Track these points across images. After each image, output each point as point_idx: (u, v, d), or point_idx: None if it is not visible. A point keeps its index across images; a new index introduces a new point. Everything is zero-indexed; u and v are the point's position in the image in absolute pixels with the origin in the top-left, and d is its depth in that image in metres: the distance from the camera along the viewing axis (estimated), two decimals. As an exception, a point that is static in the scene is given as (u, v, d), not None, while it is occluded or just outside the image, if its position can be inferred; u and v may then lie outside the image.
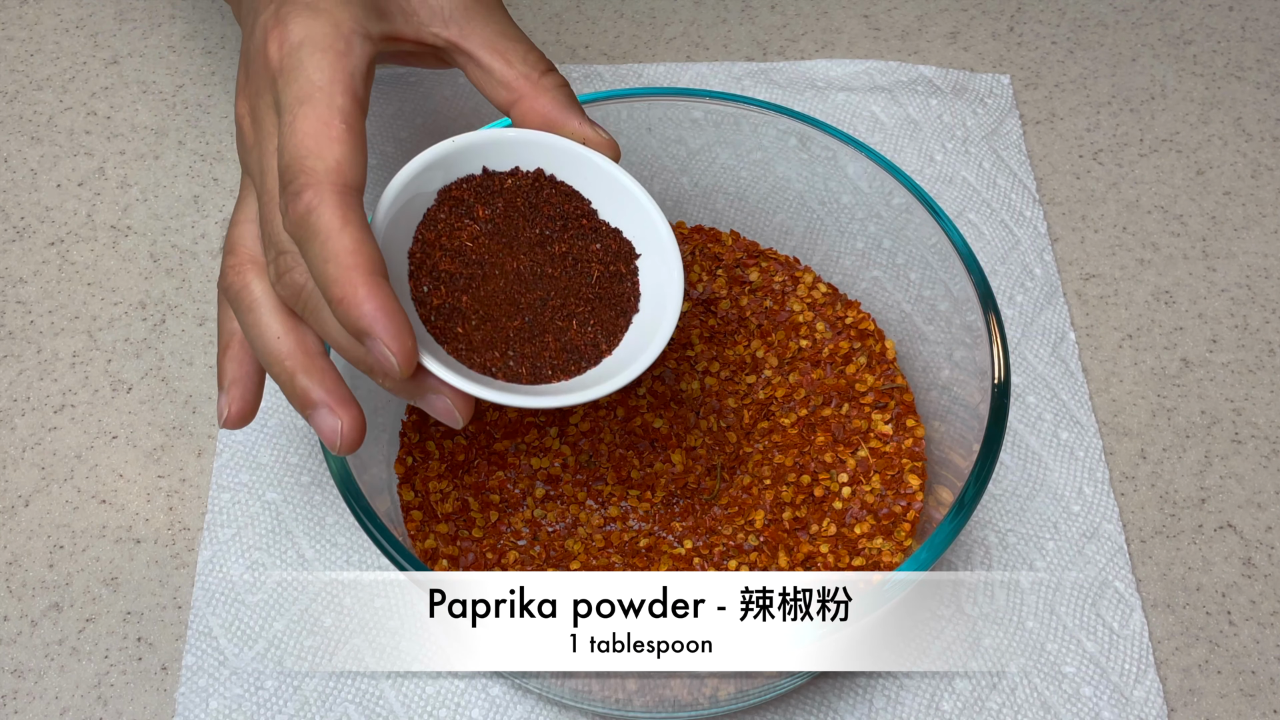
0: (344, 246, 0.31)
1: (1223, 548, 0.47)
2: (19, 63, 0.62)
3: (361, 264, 0.31)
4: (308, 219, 0.31)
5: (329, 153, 0.32)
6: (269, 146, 0.34)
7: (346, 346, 0.33)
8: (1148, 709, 0.43)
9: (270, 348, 0.34)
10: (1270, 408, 0.50)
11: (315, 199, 0.31)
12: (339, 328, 0.32)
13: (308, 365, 0.34)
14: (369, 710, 0.43)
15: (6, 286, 0.54)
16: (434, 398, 0.34)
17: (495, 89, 0.38)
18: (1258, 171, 0.58)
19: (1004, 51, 0.63)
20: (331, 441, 0.34)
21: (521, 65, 0.38)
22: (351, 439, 0.34)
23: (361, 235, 0.31)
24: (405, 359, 0.31)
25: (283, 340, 0.34)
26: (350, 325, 0.31)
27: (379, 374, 0.33)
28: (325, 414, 0.34)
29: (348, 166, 0.32)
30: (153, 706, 0.43)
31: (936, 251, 0.43)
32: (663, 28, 0.64)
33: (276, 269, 0.33)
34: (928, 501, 0.43)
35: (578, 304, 0.36)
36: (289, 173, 0.32)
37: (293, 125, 0.32)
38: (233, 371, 0.37)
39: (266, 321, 0.34)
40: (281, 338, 0.34)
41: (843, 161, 0.45)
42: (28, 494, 0.48)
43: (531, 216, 0.37)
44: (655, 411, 0.45)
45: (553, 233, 0.37)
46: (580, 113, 0.38)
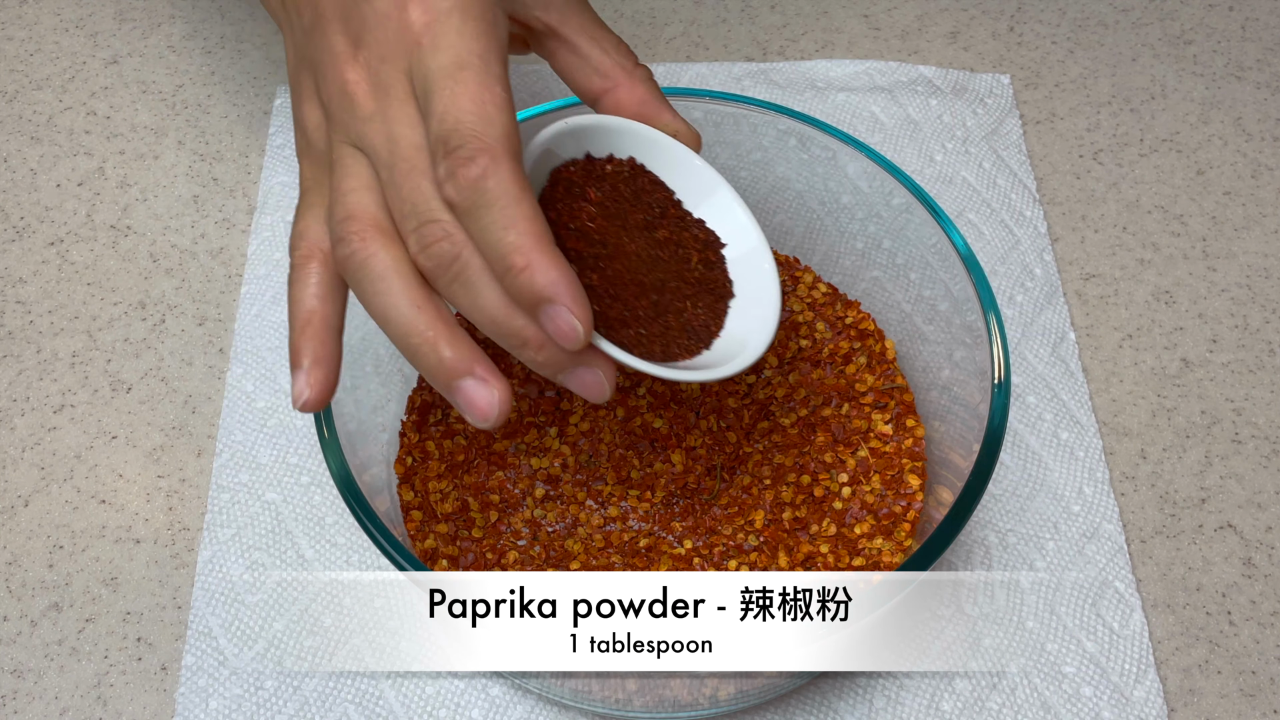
0: (524, 214, 0.31)
1: (1223, 548, 0.47)
2: (19, 62, 0.62)
3: (542, 232, 0.31)
4: (483, 184, 0.31)
5: (498, 119, 0.31)
6: (400, 113, 0.33)
7: (501, 318, 0.32)
8: (1148, 709, 0.43)
9: (407, 318, 0.32)
10: (1270, 408, 0.50)
11: (491, 165, 0.31)
12: (496, 298, 0.32)
13: (452, 336, 0.33)
14: (369, 710, 0.43)
15: (6, 286, 0.54)
16: (585, 371, 0.33)
17: (589, 76, 0.38)
18: (1258, 171, 0.58)
19: (1004, 51, 0.63)
20: (486, 413, 0.33)
21: (617, 55, 0.38)
22: (506, 408, 0.33)
23: (536, 204, 0.31)
24: (589, 325, 0.31)
25: (423, 311, 0.32)
26: (531, 293, 0.31)
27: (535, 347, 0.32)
28: (476, 385, 0.32)
29: (515, 135, 0.32)
30: (152, 706, 0.43)
31: (936, 251, 0.43)
32: (663, 28, 0.64)
33: (421, 238, 0.32)
34: (928, 501, 0.43)
35: (687, 287, 0.37)
36: (455, 137, 0.31)
37: (454, 91, 0.32)
38: (315, 350, 0.34)
39: (402, 290, 0.33)
40: (422, 308, 0.32)
41: (843, 161, 0.45)
42: (27, 494, 0.48)
43: (634, 202, 0.37)
44: (655, 411, 0.45)
45: (653, 219, 0.37)
46: (670, 106, 0.38)
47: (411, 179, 0.32)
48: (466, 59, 0.32)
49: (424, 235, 0.32)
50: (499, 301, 0.32)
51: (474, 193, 0.31)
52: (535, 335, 0.32)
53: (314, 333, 0.35)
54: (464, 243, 0.32)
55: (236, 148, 0.58)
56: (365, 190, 0.34)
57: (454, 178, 0.31)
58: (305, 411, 0.35)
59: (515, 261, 0.31)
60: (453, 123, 0.31)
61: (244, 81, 0.61)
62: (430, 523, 0.43)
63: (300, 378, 0.34)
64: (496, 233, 0.31)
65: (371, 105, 0.33)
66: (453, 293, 0.33)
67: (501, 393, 0.33)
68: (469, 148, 0.31)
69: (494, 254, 0.31)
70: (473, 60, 0.32)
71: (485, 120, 0.31)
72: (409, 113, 0.33)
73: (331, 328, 0.35)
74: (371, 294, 0.33)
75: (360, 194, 0.34)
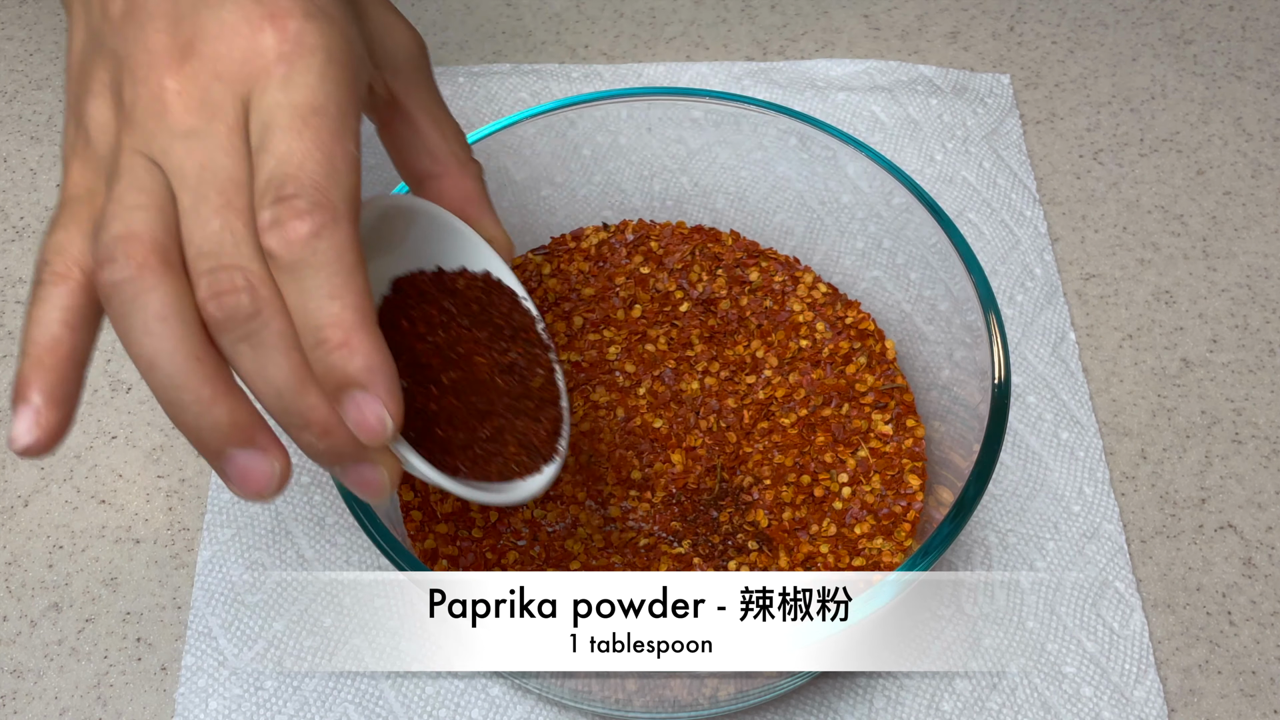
0: (354, 286, 0.28)
1: (1223, 548, 0.47)
2: (19, 62, 0.62)
3: (369, 311, 0.28)
4: (315, 243, 0.28)
5: (345, 178, 0.29)
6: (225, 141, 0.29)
7: (287, 393, 0.29)
8: (1148, 709, 0.43)
9: (181, 370, 0.28)
10: (1270, 408, 0.50)
11: (330, 224, 0.28)
12: (288, 370, 0.28)
13: (231, 397, 0.29)
14: (369, 710, 0.43)
15: (6, 286, 0.54)
16: (367, 468, 0.30)
17: (419, 156, 0.35)
18: (1258, 171, 0.58)
19: (1004, 51, 0.63)
20: (262, 488, 0.29)
21: (454, 143, 0.36)
22: (285, 483, 0.30)
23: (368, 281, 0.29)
24: (400, 421, 0.29)
25: (202, 364, 0.28)
26: (342, 374, 0.28)
27: (319, 432, 0.29)
28: (253, 456, 0.29)
29: (358, 200, 0.29)
30: (152, 706, 0.43)
31: (936, 251, 0.43)
32: (663, 28, 0.64)
33: (216, 283, 0.28)
34: (928, 501, 0.43)
35: (532, 404, 0.36)
36: (293, 184, 0.28)
37: (301, 134, 0.28)
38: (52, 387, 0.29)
39: (179, 335, 0.28)
40: (201, 361, 0.28)
41: (843, 161, 0.45)
42: (27, 494, 0.48)
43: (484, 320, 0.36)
44: (655, 411, 0.45)
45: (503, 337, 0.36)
46: (493, 211, 0.36)
47: (223, 214, 0.28)
48: (324, 104, 0.29)
49: (219, 281, 0.28)
50: (290, 374, 0.28)
51: (302, 249, 0.28)
52: (322, 419, 0.29)
53: (55, 365, 0.29)
54: (268, 300, 0.28)
55: (236, 148, 0.58)
56: (154, 210, 0.29)
57: (281, 227, 0.28)
58: (25, 457, 0.29)
59: (330, 336, 0.28)
60: (294, 168, 0.28)
61: (244, 81, 0.61)
62: (430, 523, 0.43)
63: (27, 416, 0.29)
64: (318, 300, 0.28)
65: (190, 122, 0.29)
66: (236, 352, 0.28)
67: (283, 465, 0.29)
68: (307, 199, 0.28)
69: (308, 322, 0.28)
70: (330, 107, 0.29)
71: (331, 174, 0.28)
72: (235, 144, 0.29)
73: (77, 362, 0.30)
74: (140, 333, 0.28)
75: (147, 213, 0.29)
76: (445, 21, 0.64)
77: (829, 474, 0.43)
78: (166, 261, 0.28)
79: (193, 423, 0.29)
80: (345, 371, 0.28)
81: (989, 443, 0.37)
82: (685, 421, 0.45)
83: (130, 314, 0.28)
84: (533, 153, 0.47)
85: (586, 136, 0.48)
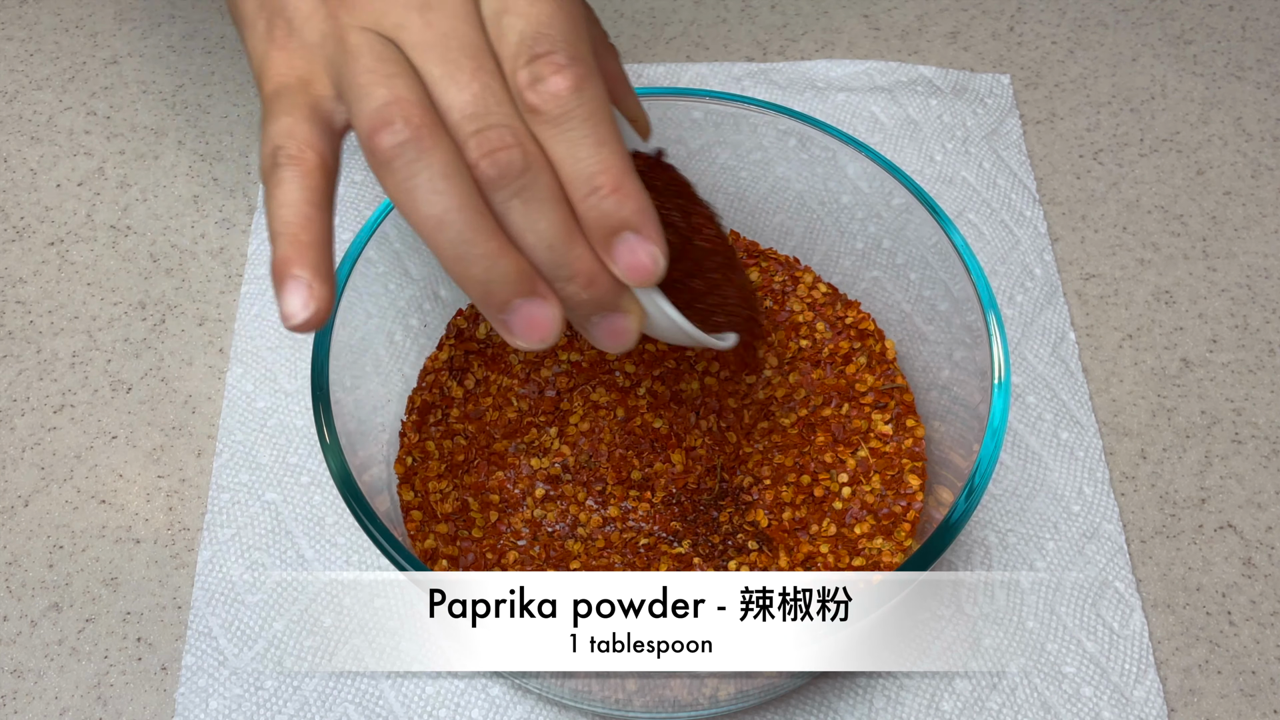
0: (616, 135, 0.29)
1: (1223, 548, 0.47)
2: (19, 63, 0.62)
3: (630, 160, 0.29)
4: (579, 94, 0.28)
5: (587, 35, 0.29)
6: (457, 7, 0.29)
7: (559, 244, 0.29)
8: (1148, 709, 0.43)
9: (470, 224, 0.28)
10: (1270, 408, 0.50)
11: (589, 76, 0.29)
12: (558, 221, 0.29)
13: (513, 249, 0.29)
14: (369, 710, 0.43)
15: (6, 286, 0.54)
16: (618, 317, 0.31)
17: None
18: (1258, 171, 0.58)
19: (1004, 51, 0.63)
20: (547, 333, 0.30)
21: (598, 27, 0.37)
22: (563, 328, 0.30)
23: None
24: (667, 259, 0.30)
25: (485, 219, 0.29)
26: (616, 218, 0.29)
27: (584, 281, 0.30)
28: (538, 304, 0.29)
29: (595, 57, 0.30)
30: (152, 706, 0.43)
31: (936, 251, 0.43)
32: (663, 28, 0.64)
33: (486, 142, 0.28)
34: (928, 501, 0.43)
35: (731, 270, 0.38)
36: (546, 41, 0.29)
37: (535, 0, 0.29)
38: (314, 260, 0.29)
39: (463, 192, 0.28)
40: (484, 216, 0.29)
41: (843, 161, 0.45)
42: (27, 494, 0.48)
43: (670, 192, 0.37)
44: (655, 411, 0.45)
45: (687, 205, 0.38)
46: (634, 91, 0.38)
47: (479, 76, 0.29)
48: None
49: (489, 139, 0.28)
50: (560, 224, 0.29)
51: (567, 102, 0.28)
52: (588, 268, 0.30)
53: (313, 241, 0.29)
54: (536, 154, 0.29)
55: (236, 148, 0.58)
56: (410, 78, 0.29)
57: (543, 82, 0.28)
58: (302, 331, 0.29)
59: (603, 182, 0.29)
60: (545, 26, 0.29)
61: (244, 81, 0.61)
62: (430, 523, 0.43)
63: (299, 291, 0.28)
64: (588, 148, 0.29)
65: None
66: (509, 208, 0.29)
67: (561, 312, 0.30)
68: (565, 54, 0.29)
69: (580, 171, 0.29)
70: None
71: (576, 31, 0.29)
72: (471, 11, 0.29)
73: (329, 242, 0.30)
74: (429, 192, 0.28)
75: (406, 80, 0.29)
76: (445, 21, 0.64)
77: (829, 474, 0.43)
78: (437, 123, 0.29)
79: (482, 276, 0.29)
80: (620, 215, 0.29)
81: (989, 443, 0.37)
82: (685, 421, 0.45)
83: (415, 175, 0.28)
84: (533, 153, 0.47)
85: (586, 136, 0.48)
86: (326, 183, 0.30)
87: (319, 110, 0.30)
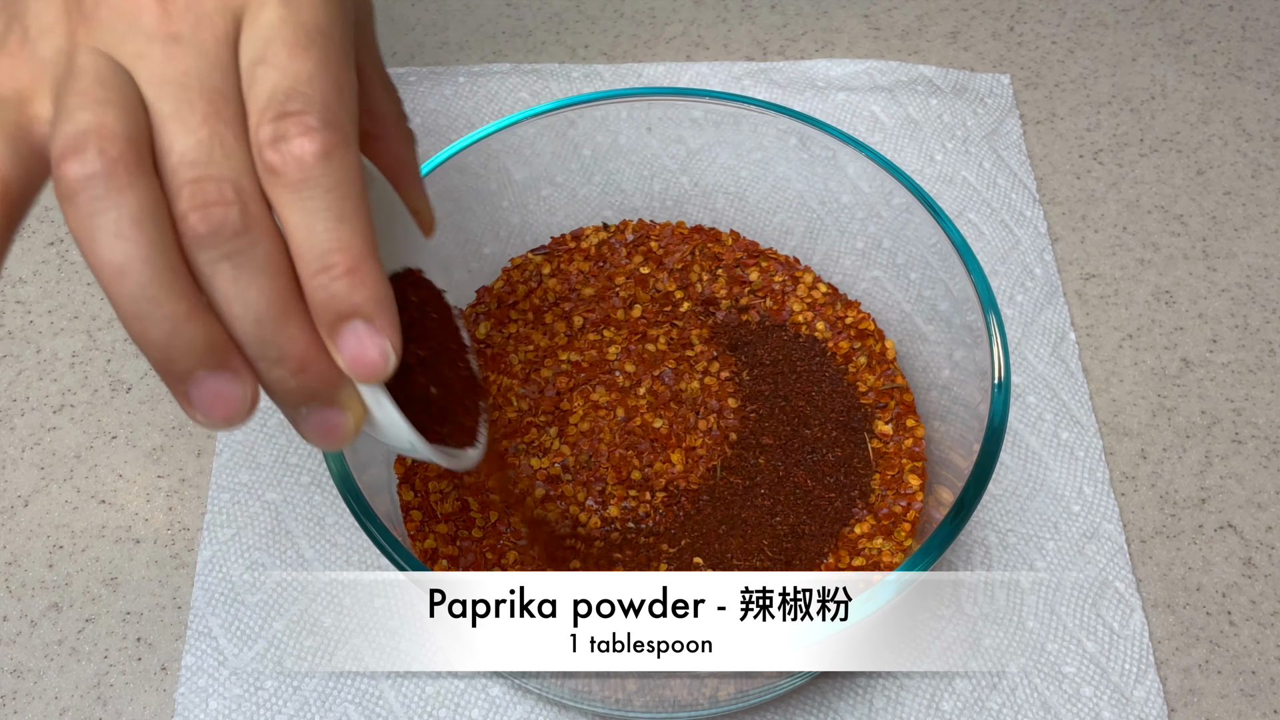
0: (363, 213, 0.26)
1: (1223, 548, 0.47)
2: (19, 62, 0.62)
3: (375, 242, 0.26)
4: (326, 164, 0.26)
5: (351, 103, 0.27)
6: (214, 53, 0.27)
7: (268, 320, 0.26)
8: (1148, 709, 0.43)
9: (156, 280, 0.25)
10: (1270, 408, 0.50)
11: (341, 144, 0.26)
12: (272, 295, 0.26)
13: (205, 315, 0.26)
14: (369, 710, 0.43)
15: (6, 286, 0.54)
16: (333, 413, 0.28)
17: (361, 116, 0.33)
18: (1258, 171, 0.58)
19: (1004, 51, 0.63)
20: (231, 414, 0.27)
21: (392, 104, 0.34)
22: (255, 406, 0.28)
23: None
24: (398, 351, 0.27)
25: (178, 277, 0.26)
26: (346, 303, 0.26)
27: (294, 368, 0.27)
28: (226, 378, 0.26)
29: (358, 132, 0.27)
30: (152, 706, 0.43)
31: (936, 251, 0.43)
32: (663, 28, 0.64)
33: (200, 194, 0.25)
34: (928, 501, 0.43)
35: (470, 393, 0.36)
36: (300, 100, 0.26)
37: (307, 54, 0.26)
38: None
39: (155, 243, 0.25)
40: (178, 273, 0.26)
41: (843, 161, 0.45)
42: (27, 494, 0.48)
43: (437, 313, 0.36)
44: (655, 411, 0.45)
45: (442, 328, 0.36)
46: (422, 182, 0.35)
47: (210, 122, 0.26)
48: (329, 28, 0.27)
49: (204, 191, 0.25)
50: (275, 298, 0.26)
51: (313, 168, 0.26)
52: (301, 352, 0.26)
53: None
54: (259, 218, 0.26)
55: (236, 148, 0.58)
56: (125, 109, 0.26)
57: (286, 142, 0.26)
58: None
59: (337, 260, 0.26)
60: (302, 84, 0.26)
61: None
62: (430, 523, 0.43)
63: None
64: (326, 222, 0.26)
65: (174, 28, 0.27)
66: (215, 271, 0.26)
67: (255, 391, 0.27)
68: (316, 116, 0.26)
69: (314, 245, 0.26)
70: (334, 32, 0.27)
71: (339, 96, 0.26)
72: (223, 56, 0.27)
73: None
74: (111, 235, 0.25)
75: (119, 109, 0.26)
76: (445, 21, 0.64)
77: (829, 474, 0.43)
78: (141, 162, 0.25)
79: (162, 341, 0.25)
80: (351, 301, 0.26)
81: (989, 443, 0.37)
82: (685, 421, 0.45)
83: (99, 213, 0.25)
84: (533, 153, 0.47)
85: (586, 136, 0.48)
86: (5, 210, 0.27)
87: (25, 131, 0.27)
